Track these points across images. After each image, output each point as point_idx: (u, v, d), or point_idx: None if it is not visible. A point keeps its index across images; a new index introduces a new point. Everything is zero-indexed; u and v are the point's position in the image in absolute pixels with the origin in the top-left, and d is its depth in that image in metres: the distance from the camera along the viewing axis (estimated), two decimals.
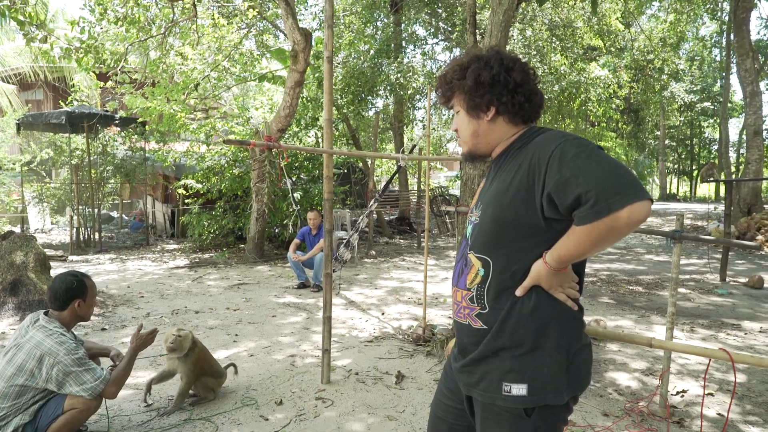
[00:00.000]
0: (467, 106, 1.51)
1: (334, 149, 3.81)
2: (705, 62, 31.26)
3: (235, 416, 3.15)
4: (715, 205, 22.77)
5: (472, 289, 1.46)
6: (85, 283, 2.74)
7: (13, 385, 2.50)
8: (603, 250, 1.33)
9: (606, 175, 1.20)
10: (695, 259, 10.07)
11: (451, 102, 1.56)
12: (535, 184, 1.32)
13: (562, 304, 1.40)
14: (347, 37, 13.76)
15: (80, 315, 2.75)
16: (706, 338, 4.84)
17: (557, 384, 1.36)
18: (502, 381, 1.38)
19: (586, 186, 1.20)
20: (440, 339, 4.43)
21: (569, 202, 1.24)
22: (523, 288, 1.38)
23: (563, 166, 1.25)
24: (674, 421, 3.09)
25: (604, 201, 1.17)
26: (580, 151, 1.26)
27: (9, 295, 5.25)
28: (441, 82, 1.56)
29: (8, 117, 14.10)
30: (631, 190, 1.18)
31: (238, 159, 10.55)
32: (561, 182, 1.24)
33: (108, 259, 9.72)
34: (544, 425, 1.38)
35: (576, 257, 1.31)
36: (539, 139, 1.39)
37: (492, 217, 1.42)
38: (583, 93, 13.44)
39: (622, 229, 1.19)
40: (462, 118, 1.54)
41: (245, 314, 5.62)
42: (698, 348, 2.06)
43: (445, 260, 9.85)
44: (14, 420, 2.51)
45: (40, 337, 2.54)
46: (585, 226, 1.22)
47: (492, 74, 1.44)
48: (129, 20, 8.83)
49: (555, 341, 1.37)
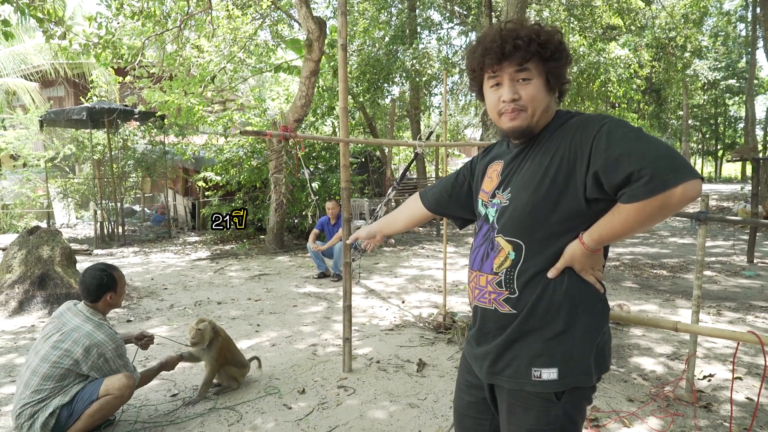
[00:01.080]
0: (553, 78, 1.41)
1: (350, 138, 3.80)
2: (729, 38, 30.32)
3: (258, 405, 3.19)
4: (741, 185, 22.22)
5: (500, 273, 1.42)
6: (114, 276, 2.86)
7: (60, 367, 2.62)
8: (647, 229, 1.32)
9: (659, 153, 1.19)
10: (721, 240, 9.86)
11: (523, 64, 1.37)
12: (576, 164, 1.30)
13: (591, 286, 1.39)
14: (361, 25, 13.67)
15: (112, 305, 2.89)
16: (733, 321, 4.74)
17: (587, 366, 1.35)
18: (531, 366, 1.36)
19: (639, 164, 1.18)
20: (461, 326, 4.42)
21: (619, 180, 1.22)
22: (555, 269, 1.36)
23: (611, 145, 1.24)
24: (701, 406, 3.04)
25: (659, 178, 1.16)
26: (628, 131, 1.25)
27: (37, 288, 5.37)
28: (529, 40, 1.36)
29: (31, 114, 14.35)
30: (685, 168, 1.17)
31: (256, 150, 10.61)
32: (611, 160, 1.23)
33: (132, 252, 9.89)
34: (572, 407, 1.38)
35: (619, 236, 1.30)
36: (576, 120, 1.36)
37: (528, 200, 1.38)
38: (603, 74, 13.15)
39: (674, 207, 1.19)
40: (538, 89, 1.39)
41: (266, 304, 5.67)
42: (726, 331, 2.01)
43: (464, 247, 9.81)
44: (54, 401, 2.61)
45: (89, 328, 2.69)
46: (636, 204, 1.20)
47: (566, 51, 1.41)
48: (145, 14, 8.89)
49: (585, 323, 1.36)
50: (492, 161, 1.60)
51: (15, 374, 3.68)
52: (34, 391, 2.61)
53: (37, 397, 2.60)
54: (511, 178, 1.47)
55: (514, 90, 1.39)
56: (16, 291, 5.32)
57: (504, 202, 1.46)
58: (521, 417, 1.40)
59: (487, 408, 1.54)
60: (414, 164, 13.09)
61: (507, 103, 1.39)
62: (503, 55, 1.37)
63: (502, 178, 1.50)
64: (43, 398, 2.60)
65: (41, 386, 2.61)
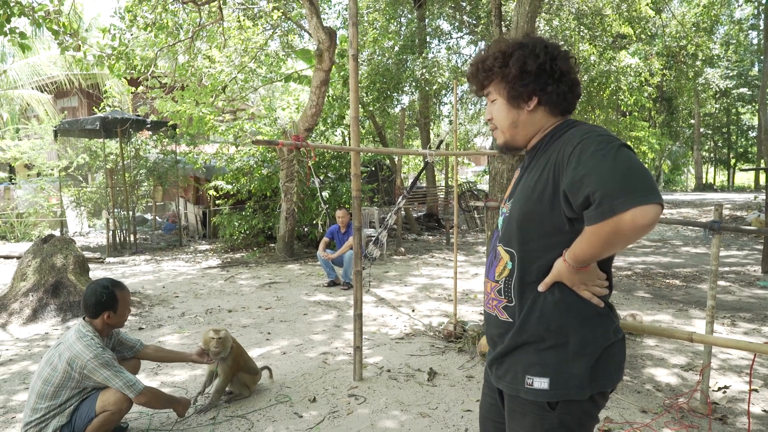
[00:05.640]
0: (508, 96, 1.44)
1: (361, 147, 3.81)
2: (741, 46, 30.13)
3: (269, 413, 3.19)
4: (755, 195, 21.98)
5: (500, 281, 1.46)
6: (115, 294, 2.74)
7: (50, 384, 2.60)
8: (615, 252, 1.30)
9: (615, 175, 1.15)
10: (735, 250, 9.74)
11: (486, 90, 1.49)
12: (559, 181, 1.30)
13: (587, 301, 1.37)
14: (371, 35, 13.74)
15: (111, 324, 2.78)
16: (748, 332, 4.68)
17: (580, 380, 1.34)
18: (525, 373, 1.38)
19: (594, 186, 1.17)
20: (471, 335, 4.40)
21: (579, 201, 1.21)
22: (544, 284, 1.37)
23: (579, 164, 1.22)
24: (716, 418, 3.00)
25: (608, 203, 1.14)
26: (598, 149, 1.21)
27: (51, 296, 5.43)
28: (478, 68, 1.48)
29: (46, 124, 14.55)
30: (638, 192, 1.13)
31: (267, 159, 10.67)
32: (575, 181, 1.22)
33: (143, 260, 9.96)
34: (570, 418, 1.38)
35: (591, 257, 1.28)
36: (569, 133, 1.35)
37: (519, 211, 1.40)
38: (614, 82, 13.11)
39: (627, 233, 1.15)
40: (500, 108, 1.47)
41: (277, 313, 5.68)
42: (742, 342, 1.99)
43: (474, 256, 9.78)
44: (53, 422, 2.60)
45: (72, 340, 2.63)
46: (592, 227, 1.19)
47: (538, 63, 1.39)
48: (158, 26, 9.02)
49: (580, 336, 1.35)
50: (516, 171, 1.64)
51: (29, 381, 3.71)
52: (33, 409, 2.61)
53: (35, 417, 2.59)
54: (515, 189, 1.50)
55: (489, 110, 1.51)
56: (30, 299, 5.38)
57: (506, 212, 1.50)
58: (519, 422, 1.43)
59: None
60: (424, 173, 13.09)
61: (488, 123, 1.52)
62: (472, 84, 1.53)
63: (512, 189, 1.55)
64: (40, 418, 2.59)
65: (37, 405, 2.60)
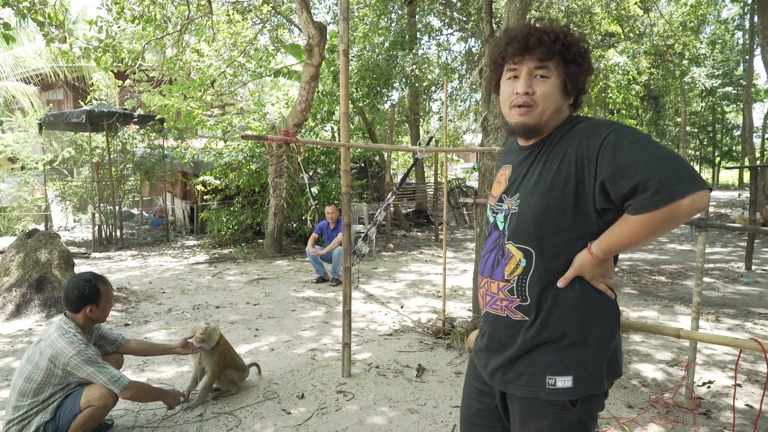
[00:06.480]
0: (570, 83, 1.39)
1: (351, 143, 3.80)
2: (727, 46, 30.46)
3: (257, 410, 3.18)
4: (739, 192, 22.28)
5: (512, 280, 1.42)
6: (98, 288, 2.71)
7: (32, 381, 2.56)
8: (656, 238, 1.30)
9: (666, 163, 1.17)
10: (719, 247, 9.87)
11: (545, 62, 1.37)
12: (585, 173, 1.29)
13: (604, 294, 1.38)
14: (361, 30, 13.70)
15: (93, 319, 2.74)
16: (732, 328, 4.74)
17: (600, 373, 1.35)
18: (545, 374, 1.35)
19: (645, 174, 1.17)
20: (460, 332, 4.41)
21: (625, 191, 1.21)
22: (565, 279, 1.36)
23: (618, 155, 1.22)
24: (701, 413, 3.04)
25: (666, 190, 1.15)
26: (635, 140, 1.23)
27: (35, 292, 5.35)
28: (554, 37, 1.37)
29: (30, 117, 14.32)
30: (692, 179, 1.16)
31: (255, 155, 10.61)
32: (617, 171, 1.21)
33: (129, 255, 9.87)
34: (587, 414, 1.38)
35: (627, 247, 1.29)
36: (583, 126, 1.34)
37: (537, 206, 1.37)
38: (602, 80, 13.20)
39: (681, 218, 1.18)
40: (553, 88, 1.38)
41: (265, 309, 5.66)
42: (729, 338, 2.01)
43: (463, 252, 9.81)
44: (36, 419, 2.56)
45: (54, 337, 2.59)
46: (643, 215, 1.20)
47: (588, 64, 1.41)
48: (145, 18, 8.90)
49: (599, 331, 1.36)
50: (501, 165, 1.59)
51: (11, 378, 3.65)
52: (14, 407, 2.57)
53: (17, 414, 2.55)
54: (520, 183, 1.45)
55: (529, 84, 1.38)
56: (14, 294, 5.30)
57: (513, 209, 1.44)
58: (536, 425, 1.39)
59: (497, 416, 1.53)
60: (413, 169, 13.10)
61: (520, 96, 1.38)
62: (526, 47, 1.37)
63: (510, 183, 1.49)
64: (23, 416, 2.55)
65: (18, 402, 2.56)
